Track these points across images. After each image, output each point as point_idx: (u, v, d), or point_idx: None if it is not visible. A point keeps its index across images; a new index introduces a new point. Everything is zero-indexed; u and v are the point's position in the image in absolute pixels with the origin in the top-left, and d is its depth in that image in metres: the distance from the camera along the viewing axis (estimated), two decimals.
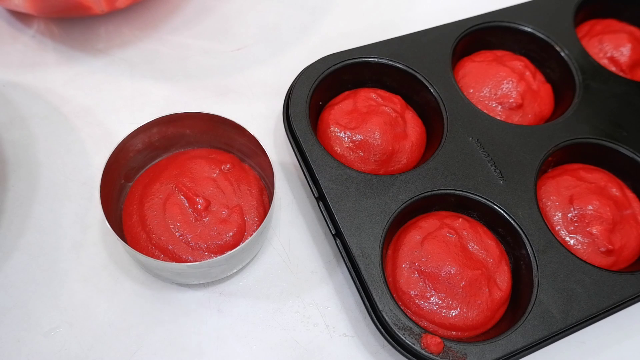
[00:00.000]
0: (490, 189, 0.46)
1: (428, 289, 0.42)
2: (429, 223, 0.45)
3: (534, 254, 0.43)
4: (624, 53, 0.57)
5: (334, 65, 0.50)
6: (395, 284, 0.42)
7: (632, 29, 0.60)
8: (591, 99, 0.52)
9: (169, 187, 0.44)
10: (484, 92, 0.53)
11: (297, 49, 0.59)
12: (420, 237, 0.44)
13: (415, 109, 0.52)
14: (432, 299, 0.41)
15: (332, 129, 0.48)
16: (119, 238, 0.39)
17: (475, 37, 0.56)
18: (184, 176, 0.45)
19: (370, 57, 0.51)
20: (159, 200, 0.43)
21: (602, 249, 0.45)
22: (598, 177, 0.49)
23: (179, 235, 0.42)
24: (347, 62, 0.50)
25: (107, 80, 0.55)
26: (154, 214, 0.43)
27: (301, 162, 0.46)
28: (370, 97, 0.50)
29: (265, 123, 0.53)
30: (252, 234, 0.42)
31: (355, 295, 0.45)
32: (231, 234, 0.43)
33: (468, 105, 0.50)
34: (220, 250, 0.42)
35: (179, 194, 0.44)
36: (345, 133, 0.48)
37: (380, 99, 0.50)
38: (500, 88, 0.52)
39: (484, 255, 0.43)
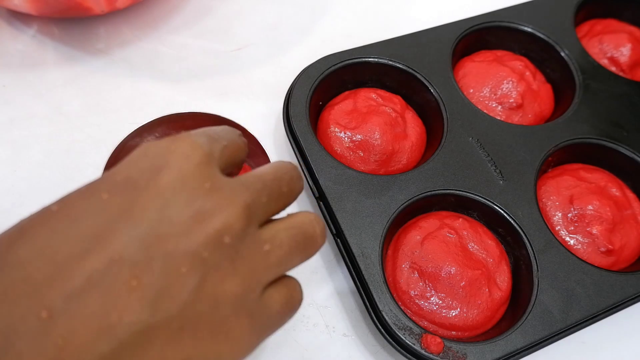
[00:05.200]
0: (490, 189, 0.46)
1: (428, 289, 0.42)
2: (429, 223, 0.45)
3: (534, 254, 0.43)
4: (624, 53, 0.57)
5: (334, 65, 0.50)
6: (395, 284, 0.42)
7: (632, 29, 0.60)
8: (591, 99, 0.52)
9: None
10: (484, 92, 0.53)
11: (297, 49, 0.59)
12: (420, 237, 0.44)
13: (415, 109, 0.52)
14: (432, 299, 0.41)
15: (332, 129, 0.48)
16: None
17: (475, 37, 0.56)
18: None
19: (370, 57, 0.51)
20: None
21: (602, 249, 0.45)
22: (598, 177, 0.49)
23: None
24: (347, 62, 0.50)
25: (107, 80, 0.55)
26: None
27: (301, 162, 0.46)
28: (370, 97, 0.50)
29: (265, 123, 0.53)
30: None
31: (355, 295, 0.45)
32: None
33: (468, 105, 0.50)
34: None
35: None
36: (345, 133, 0.48)
37: (380, 99, 0.50)
38: (500, 88, 0.52)
39: (484, 255, 0.43)
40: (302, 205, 0.49)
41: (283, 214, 0.29)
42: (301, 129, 0.46)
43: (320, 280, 0.45)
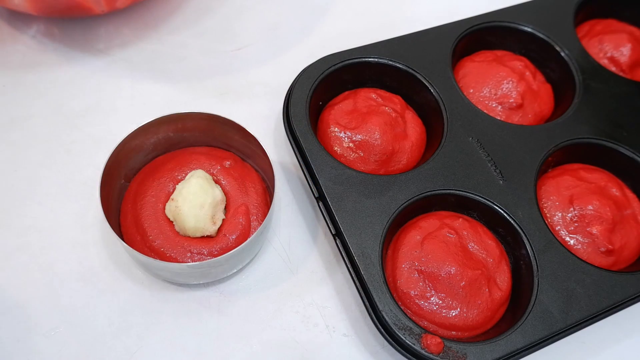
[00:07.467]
0: (490, 189, 0.46)
1: (428, 289, 0.42)
2: (429, 223, 0.45)
3: (534, 254, 0.43)
4: (624, 53, 0.57)
5: (334, 65, 0.50)
6: (395, 284, 0.42)
7: (632, 29, 0.60)
8: (591, 99, 0.52)
9: (162, 183, 0.44)
10: (484, 92, 0.53)
11: (297, 49, 0.59)
12: (420, 237, 0.44)
13: (415, 109, 0.52)
14: (432, 299, 0.41)
15: (332, 129, 0.48)
16: (119, 238, 0.39)
17: (475, 37, 0.56)
18: (180, 172, 0.44)
19: (370, 57, 0.51)
20: (151, 198, 0.43)
21: (602, 249, 0.45)
22: (598, 177, 0.49)
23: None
24: (347, 62, 0.50)
25: (107, 80, 0.55)
26: (147, 213, 0.43)
27: (301, 162, 0.46)
28: (370, 97, 0.50)
29: (265, 123, 0.53)
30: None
31: (355, 295, 0.45)
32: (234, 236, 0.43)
33: (468, 105, 0.50)
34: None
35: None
36: (345, 133, 0.48)
37: (380, 99, 0.50)
38: (500, 88, 0.52)
39: (484, 255, 0.43)
40: (302, 205, 0.49)
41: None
42: (301, 129, 0.46)
43: (320, 280, 0.46)
